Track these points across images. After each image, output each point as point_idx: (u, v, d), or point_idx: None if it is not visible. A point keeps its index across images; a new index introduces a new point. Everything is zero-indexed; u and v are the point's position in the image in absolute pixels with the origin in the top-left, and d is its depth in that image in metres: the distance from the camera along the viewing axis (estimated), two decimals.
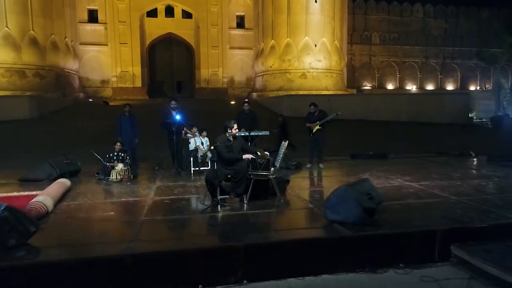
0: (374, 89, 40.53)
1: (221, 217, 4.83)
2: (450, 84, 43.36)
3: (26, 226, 3.87)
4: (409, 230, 4.23)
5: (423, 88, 42.18)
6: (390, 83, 41.81)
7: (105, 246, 3.76)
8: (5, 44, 24.84)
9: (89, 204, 5.49)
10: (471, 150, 10.77)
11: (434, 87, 42.67)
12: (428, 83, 42.76)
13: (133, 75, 33.20)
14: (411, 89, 41.62)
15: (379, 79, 41.41)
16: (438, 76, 42.95)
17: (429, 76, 42.69)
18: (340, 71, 32.75)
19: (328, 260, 3.97)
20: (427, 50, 42.14)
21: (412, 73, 42.34)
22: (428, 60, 42.41)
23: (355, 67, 40.53)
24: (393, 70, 41.72)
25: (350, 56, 39.59)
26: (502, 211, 4.87)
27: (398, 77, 41.90)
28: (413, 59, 41.99)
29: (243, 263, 3.72)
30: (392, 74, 41.79)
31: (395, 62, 41.66)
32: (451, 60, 43.04)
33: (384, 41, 40.99)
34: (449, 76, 43.33)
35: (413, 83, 42.26)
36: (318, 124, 8.46)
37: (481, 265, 3.79)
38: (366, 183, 4.77)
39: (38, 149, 12.42)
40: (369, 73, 41.18)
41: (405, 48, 41.59)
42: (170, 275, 3.60)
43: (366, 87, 40.77)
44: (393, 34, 41.10)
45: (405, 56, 41.76)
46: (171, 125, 7.79)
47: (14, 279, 3.35)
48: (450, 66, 43.12)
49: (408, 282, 3.80)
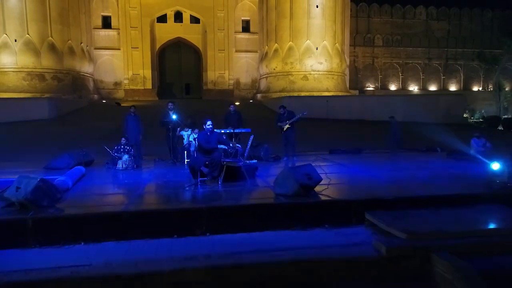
0: (377, 90, 41.55)
1: (198, 192, 6.34)
2: (453, 85, 44.02)
3: (54, 193, 5.47)
4: (332, 199, 5.67)
5: (426, 89, 42.96)
6: (393, 84, 42.74)
7: (108, 208, 5.33)
8: (26, 49, 26.90)
9: (99, 184, 7.08)
10: (438, 147, 12.02)
11: (437, 88, 43.41)
12: (431, 84, 43.52)
13: (144, 78, 35.08)
14: (413, 90, 42.48)
15: (382, 80, 42.39)
16: (441, 77, 43.67)
17: (432, 77, 43.44)
18: (341, 73, 33.94)
19: (271, 221, 5.43)
20: (430, 51, 42.91)
21: (415, 74, 43.16)
22: (431, 62, 43.17)
23: (358, 68, 41.61)
24: (396, 71, 42.64)
25: (353, 58, 40.70)
26: (413, 190, 6.26)
27: (401, 78, 42.79)
28: (416, 60, 42.81)
29: (206, 220, 5.22)
30: (395, 75, 42.71)
31: (398, 64, 42.56)
32: (454, 61, 43.71)
33: (387, 43, 41.94)
34: (452, 77, 43.99)
35: (415, 84, 43.08)
36: (288, 123, 9.81)
37: (379, 224, 5.21)
38: (308, 167, 6.22)
39: (57, 145, 14.12)
40: (372, 75, 42.20)
41: (408, 50, 42.46)
42: (153, 227, 5.12)
43: (369, 88, 41.81)
44: (396, 36, 42.03)
45: (408, 57, 42.62)
46: (168, 124, 9.34)
47: (46, 226, 4.92)
48: (453, 67, 43.79)
49: (326, 236, 5.24)
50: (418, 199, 5.90)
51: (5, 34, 26.50)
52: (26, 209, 5.14)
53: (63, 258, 4.41)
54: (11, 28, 26.45)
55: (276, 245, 4.71)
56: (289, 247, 4.66)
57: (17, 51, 26.75)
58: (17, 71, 27.06)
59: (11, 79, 27.07)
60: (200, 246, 4.70)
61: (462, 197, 5.92)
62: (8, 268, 4.11)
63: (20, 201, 5.17)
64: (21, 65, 26.99)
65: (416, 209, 5.60)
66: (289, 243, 4.82)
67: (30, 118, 20.80)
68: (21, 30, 26.72)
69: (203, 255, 4.35)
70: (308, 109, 25.64)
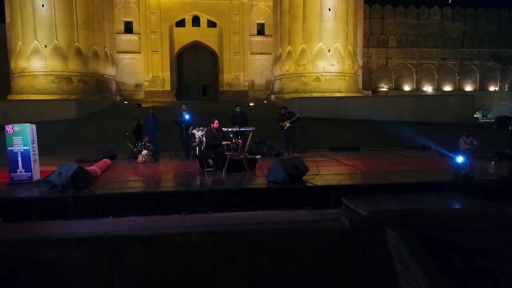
0: (390, 90, 41.94)
1: (205, 179, 7.55)
2: (469, 85, 43.89)
3: (87, 178, 6.80)
4: (314, 186, 6.77)
5: (440, 89, 43.03)
6: (407, 85, 43.01)
7: (130, 189, 6.59)
8: (55, 54, 28.89)
9: (122, 173, 8.39)
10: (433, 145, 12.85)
11: (452, 88, 43.40)
12: (446, 84, 43.54)
13: (163, 80, 36.74)
14: (427, 90, 42.65)
15: (395, 81, 42.73)
16: (456, 77, 43.63)
17: (446, 77, 43.47)
18: (353, 74, 34.64)
19: (262, 203, 6.57)
20: (445, 52, 42.95)
21: (429, 75, 43.29)
22: (446, 62, 43.20)
23: (371, 69, 42.12)
24: (410, 72, 42.90)
25: (366, 59, 41.25)
26: (390, 179, 7.27)
27: (415, 79, 43.02)
28: (431, 61, 42.94)
29: (208, 200, 6.41)
30: (409, 75, 42.97)
31: (412, 64, 42.81)
32: (469, 62, 43.57)
33: (401, 44, 42.26)
34: (468, 77, 43.87)
35: (430, 84, 43.22)
36: (288, 123, 10.91)
37: (351, 205, 6.27)
38: (296, 159, 7.35)
39: (84, 143, 15.65)
40: (385, 75, 42.62)
41: (422, 50, 42.64)
42: (166, 205, 6.34)
43: (383, 88, 42.24)
44: (410, 36, 42.30)
45: (422, 58, 42.80)
46: (182, 123, 10.61)
47: (82, 203, 6.23)
48: (468, 67, 43.67)
49: (307, 214, 6.33)
50: (388, 186, 6.93)
51: (36, 40, 28.56)
52: (66, 190, 6.47)
53: (95, 227, 5.69)
54: (42, 35, 28.48)
55: (265, 220, 5.85)
56: (274, 221, 5.79)
57: (46, 56, 28.78)
58: (47, 75, 29.09)
59: (41, 82, 29.13)
60: (203, 220, 5.88)
61: (426, 185, 6.92)
62: (55, 232, 5.41)
63: (62, 183, 6.50)
64: (50, 69, 29.00)
65: (385, 194, 6.64)
66: (275, 219, 5.95)
67: (59, 118, 22.58)
68: (50, 36, 28.72)
69: (204, 225, 5.54)
70: (319, 109, 26.73)
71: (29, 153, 7.15)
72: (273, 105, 32.49)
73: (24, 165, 7.13)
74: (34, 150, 7.31)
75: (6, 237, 5.07)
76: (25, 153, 7.12)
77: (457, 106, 26.09)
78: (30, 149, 7.14)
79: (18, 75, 29.81)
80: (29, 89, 28.97)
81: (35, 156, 7.38)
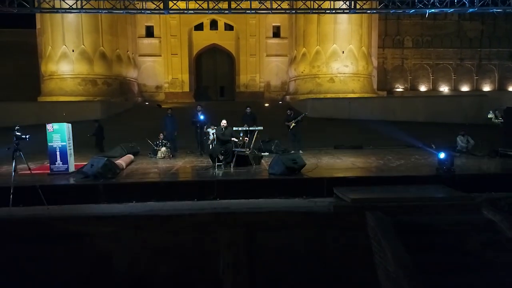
0: (406, 91, 42.11)
1: (215, 172, 8.62)
2: (487, 85, 43.52)
3: (115, 169, 7.98)
4: (309, 177, 7.73)
5: (457, 89, 42.86)
6: (423, 85, 43.04)
7: (150, 179, 7.72)
8: (82, 58, 30.75)
9: (143, 166, 9.57)
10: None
11: (469, 88, 43.15)
12: (463, 84, 43.32)
13: (182, 81, 38.24)
14: (443, 90, 42.58)
15: (411, 81, 42.85)
16: (474, 77, 43.35)
17: (464, 77, 43.24)
18: (367, 75, 35.15)
19: (264, 191, 7.57)
20: (462, 52, 42.76)
21: (446, 75, 43.19)
22: (463, 62, 43.00)
23: (387, 70, 42.38)
24: (426, 72, 42.92)
25: (382, 60, 41.56)
26: (377, 173, 8.15)
27: (431, 79, 43.01)
28: (447, 61, 42.83)
29: (216, 189, 7.47)
30: (425, 76, 42.99)
31: (428, 65, 42.81)
32: (488, 61, 43.23)
33: (417, 44, 42.36)
34: (486, 77, 43.52)
35: (447, 84, 43.10)
36: (293, 122, 11.85)
37: (339, 194, 7.20)
38: (294, 155, 8.33)
39: (110, 140, 17.02)
40: (401, 76, 42.79)
41: (438, 51, 42.59)
42: (181, 193, 7.43)
43: (398, 89, 42.44)
44: (426, 37, 42.35)
45: (438, 58, 42.75)
46: (197, 123, 11.72)
47: (110, 190, 7.40)
48: (486, 67, 43.32)
49: (301, 202, 7.29)
50: (376, 178, 7.82)
51: (64, 45, 30.47)
52: (97, 179, 7.66)
53: (122, 209, 6.83)
54: (70, 40, 30.38)
55: (263, 205, 6.87)
56: (271, 206, 6.80)
57: (74, 60, 30.67)
58: (74, 77, 30.99)
59: (68, 84, 31.05)
60: (211, 205, 6.95)
61: (411, 178, 7.77)
62: (91, 212, 6.60)
63: (94, 173, 7.70)
64: (77, 72, 30.89)
65: (371, 185, 7.54)
66: (272, 205, 6.96)
67: (86, 118, 24.15)
68: (77, 41, 30.59)
69: (212, 208, 6.61)
70: (331, 110, 27.43)
71: (66, 148, 8.40)
72: (288, 105, 33.42)
73: (61, 158, 8.39)
74: (70, 145, 8.56)
75: (52, 215, 6.27)
76: (62, 148, 8.37)
77: (470, 106, 26.29)
78: (66, 145, 8.39)
79: (48, 78, 31.86)
80: (57, 91, 30.94)
81: (71, 150, 8.64)
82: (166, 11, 9.02)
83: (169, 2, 8.43)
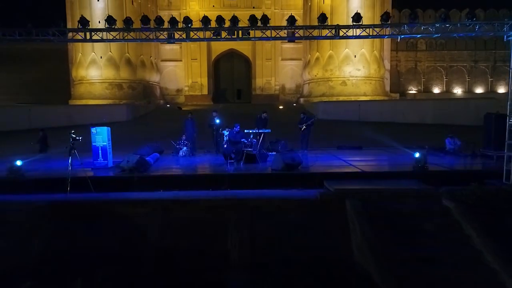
0: (419, 93, 42.86)
1: (227, 168, 10.32)
2: (502, 87, 43.70)
3: (146, 165, 9.81)
4: (303, 172, 9.32)
5: (471, 91, 43.28)
6: (437, 87, 43.67)
7: (174, 173, 9.50)
8: (109, 64, 33.20)
9: (168, 164, 11.38)
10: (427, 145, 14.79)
11: (484, 90, 43.49)
12: (477, 86, 43.69)
13: (201, 85, 40.34)
14: (457, 92, 43.08)
15: (425, 84, 43.55)
16: (489, 79, 43.66)
17: (478, 79, 43.61)
18: (379, 78, 36.26)
19: (267, 183, 9.20)
20: (476, 54, 43.17)
21: (460, 77, 43.67)
22: (478, 64, 43.39)
23: (400, 72, 43.24)
24: (440, 74, 43.52)
25: (395, 63, 42.47)
26: (365, 169, 9.64)
27: (445, 81, 43.57)
28: (461, 63, 43.32)
29: (228, 180, 9.15)
30: (439, 78, 43.61)
31: (442, 67, 43.41)
32: (503, 63, 43.39)
33: (431, 47, 43.04)
34: (501, 79, 43.71)
35: (460, 87, 43.57)
36: (305, 125, 13.40)
37: (327, 185, 8.76)
38: (294, 153, 9.91)
39: (136, 140, 18.98)
40: (414, 78, 43.55)
41: (452, 53, 43.14)
42: (199, 184, 9.15)
43: (412, 91, 43.22)
44: (440, 40, 42.93)
45: (452, 60, 43.29)
46: (213, 126, 13.46)
47: (143, 181, 9.20)
48: (502, 69, 43.49)
49: (295, 192, 8.87)
50: (361, 174, 9.33)
51: (93, 52, 32.96)
52: (132, 172, 9.48)
53: (152, 196, 8.60)
54: (98, 47, 32.83)
55: (263, 194, 8.51)
56: (271, 195, 8.43)
57: (102, 66, 33.14)
58: (102, 82, 33.46)
59: (97, 88, 33.55)
60: (222, 193, 8.63)
61: (391, 173, 9.27)
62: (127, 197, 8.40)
63: (129, 168, 9.53)
64: (104, 77, 33.35)
65: (357, 179, 9.07)
66: (271, 194, 8.59)
67: (113, 120, 26.37)
68: (105, 48, 33.02)
69: (223, 195, 8.30)
70: (342, 112, 28.76)
71: (106, 147, 10.29)
72: (301, 108, 34.90)
73: (102, 156, 10.28)
74: (109, 145, 10.45)
75: (99, 199, 8.10)
76: (103, 147, 10.27)
77: (478, 109, 27.05)
78: (107, 145, 10.27)
79: (78, 82, 34.48)
80: (87, 95, 33.49)
81: (110, 149, 10.53)
82: (189, 39, 10.56)
83: (190, 32, 10.22)
